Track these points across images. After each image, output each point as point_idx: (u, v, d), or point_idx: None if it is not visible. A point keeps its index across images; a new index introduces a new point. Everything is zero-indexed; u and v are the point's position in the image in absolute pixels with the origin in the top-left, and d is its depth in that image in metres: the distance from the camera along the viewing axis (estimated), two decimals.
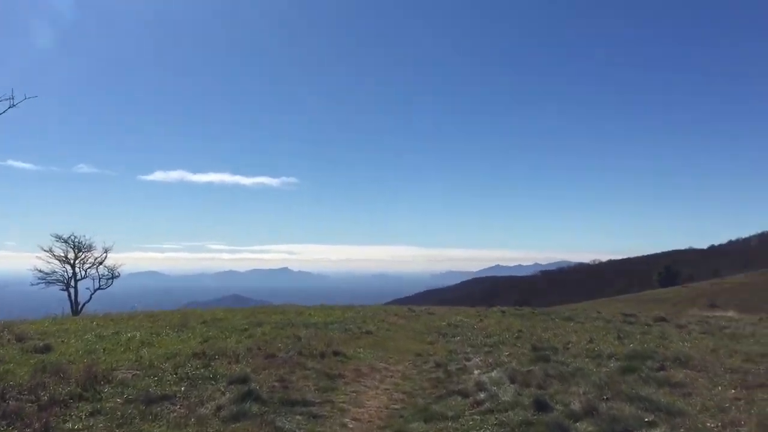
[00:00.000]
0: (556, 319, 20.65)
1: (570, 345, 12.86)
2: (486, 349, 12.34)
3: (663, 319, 21.57)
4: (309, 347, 12.03)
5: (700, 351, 12.18)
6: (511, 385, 8.48)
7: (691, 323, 20.55)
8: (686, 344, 13.48)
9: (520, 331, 15.41)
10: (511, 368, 9.63)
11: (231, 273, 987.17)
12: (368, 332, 15.57)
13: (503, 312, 23.45)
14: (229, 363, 9.94)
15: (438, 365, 10.51)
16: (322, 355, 11.29)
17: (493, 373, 9.42)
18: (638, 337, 14.80)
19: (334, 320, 18.52)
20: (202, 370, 9.23)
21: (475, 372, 9.69)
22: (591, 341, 13.64)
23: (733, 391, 8.29)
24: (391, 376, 9.94)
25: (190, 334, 14.04)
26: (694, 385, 8.53)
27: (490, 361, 10.55)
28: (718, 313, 30.87)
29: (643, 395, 7.47)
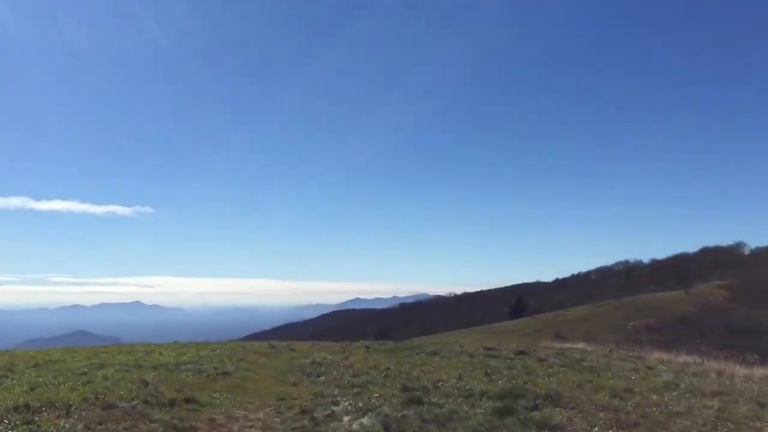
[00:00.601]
0: (422, 354, 20.25)
1: (440, 383, 12.36)
2: (354, 390, 11.54)
3: (523, 352, 21.82)
4: (157, 394, 10.67)
5: (568, 387, 12.10)
6: None
7: (549, 356, 20.90)
8: (552, 379, 13.42)
9: (388, 368, 14.74)
10: (384, 413, 8.91)
11: (76, 308, 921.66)
12: (225, 373, 14.28)
13: (368, 347, 22.75)
14: (58, 417, 8.46)
15: (303, 411, 9.56)
16: (172, 403, 10.00)
17: (365, 420, 8.66)
18: (505, 372, 14.63)
19: (187, 360, 16.99)
20: (21, 428, 7.73)
21: (345, 419, 8.86)
22: (460, 378, 13.25)
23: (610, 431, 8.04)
24: (251, 427, 8.86)
25: (14, 381, 12.17)
26: (572, 426, 8.22)
27: (360, 404, 9.76)
28: (568, 345, 32.01)
29: None
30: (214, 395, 11.33)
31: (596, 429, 8.11)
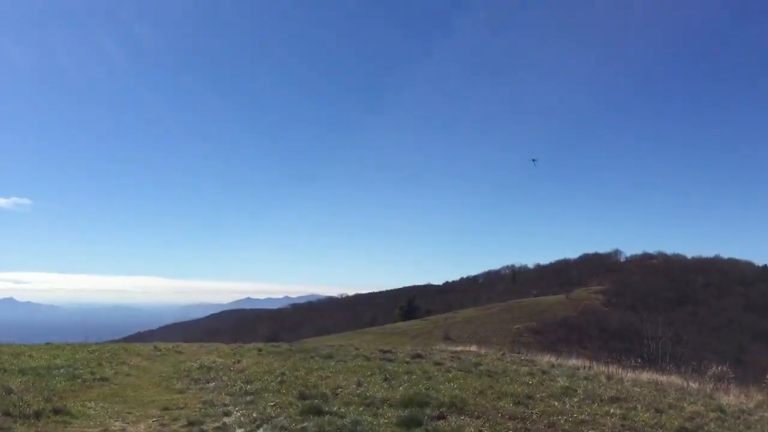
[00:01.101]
0: (317, 358, 19.54)
1: (339, 390, 11.71)
2: (247, 398, 10.66)
3: (420, 356, 21.55)
4: (21, 404, 9.38)
5: (470, 393, 11.77)
6: None
7: (446, 360, 20.73)
8: (453, 385, 13.07)
9: (283, 373, 13.90)
10: (281, 425, 8.16)
11: None
12: (103, 379, 13.00)
13: (260, 350, 21.77)
14: None
15: (191, 423, 8.61)
16: (38, 415, 8.80)
17: None
18: (404, 377, 14.16)
19: (60, 364, 15.46)
20: None
21: (238, 431, 8.04)
22: (360, 384, 12.65)
23: None
24: None
25: None
26: None
27: (255, 415, 8.93)
28: (461, 348, 32.17)
29: None
30: (89, 404, 10.16)
31: None
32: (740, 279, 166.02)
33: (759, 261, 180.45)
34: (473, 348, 32.78)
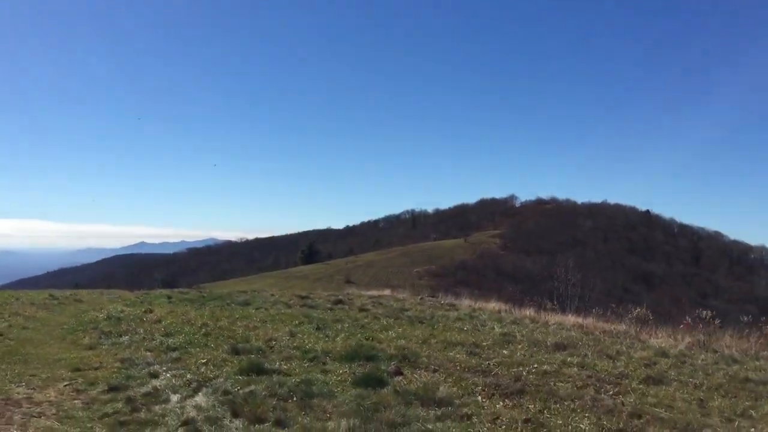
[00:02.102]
0: (233, 305, 18.33)
1: (273, 342, 10.63)
2: (172, 354, 9.38)
3: (341, 302, 20.74)
4: None
5: (413, 343, 11.02)
6: (238, 422, 5.92)
7: (368, 305, 20.03)
8: (391, 334, 12.29)
9: (205, 324, 12.61)
10: (223, 389, 7.02)
11: None
12: None
13: (169, 298, 20.22)
14: None
15: (113, 388, 7.25)
16: None
17: (200, 398, 6.72)
18: (337, 326, 13.23)
19: None
20: None
21: (173, 398, 6.79)
22: (292, 335, 11.61)
23: (507, 403, 6.94)
24: (42, 414, 6.45)
25: None
26: (460, 400, 6.98)
27: (189, 376, 7.69)
28: (377, 293, 31.64)
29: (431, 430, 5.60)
30: None
31: (485, 401, 6.97)
32: (624, 223, 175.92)
33: (642, 206, 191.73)
34: (387, 292, 32.37)
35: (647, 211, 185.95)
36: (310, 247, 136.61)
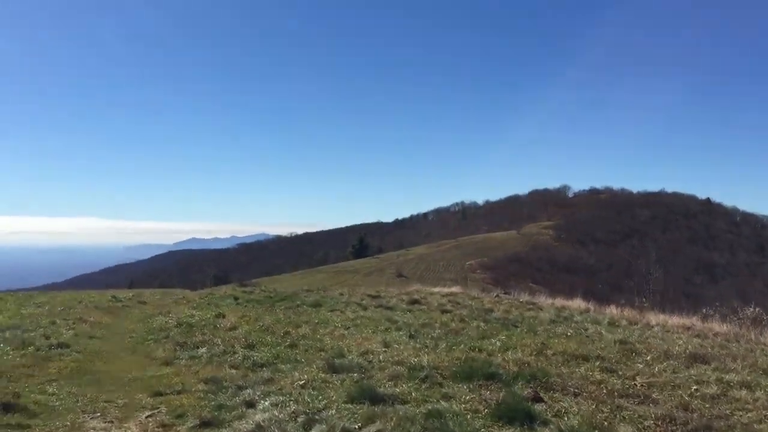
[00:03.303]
0: (304, 306, 17.14)
1: (369, 356, 9.30)
2: (263, 373, 8.08)
3: (417, 302, 19.37)
4: None
5: (528, 355, 9.54)
6: None
7: (447, 305, 18.62)
8: (494, 342, 10.82)
9: (287, 333, 11.37)
10: (342, 427, 5.67)
11: None
12: (62, 345, 10.24)
13: (236, 299, 19.16)
14: None
15: (205, 423, 5.97)
16: None
17: None
18: (431, 334, 11.84)
19: (5, 323, 12.59)
20: None
21: None
22: (386, 345, 10.27)
23: None
24: None
25: None
26: None
27: (293, 407, 6.36)
28: (446, 290, 30.15)
29: None
30: (50, 390, 7.47)
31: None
32: (684, 212, 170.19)
33: (701, 195, 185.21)
34: (456, 289, 30.88)
35: (707, 200, 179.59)
36: (360, 241, 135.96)
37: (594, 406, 6.57)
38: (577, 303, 21.26)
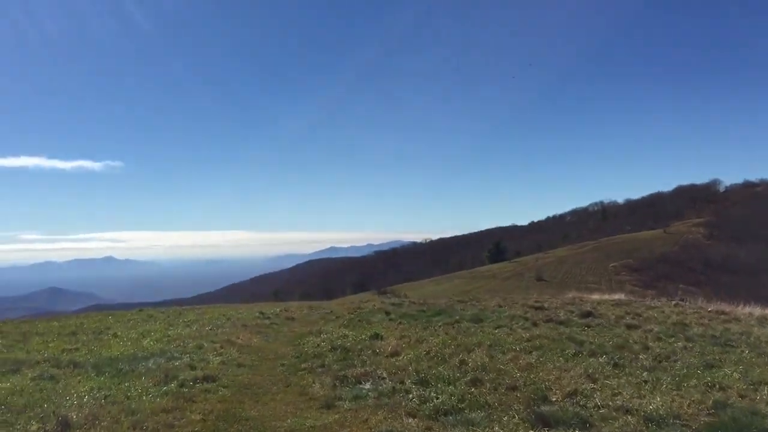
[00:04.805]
0: (464, 322, 15.25)
1: (577, 397, 7.24)
2: (445, 420, 6.34)
3: (590, 314, 16.91)
4: None
5: None
6: None
7: (625, 317, 16.09)
8: (723, 375, 8.38)
9: (463, 362, 9.47)
10: None
11: (48, 264, 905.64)
12: (208, 379, 8.97)
13: (388, 314, 17.60)
14: None
15: None
16: None
17: None
18: (635, 362, 9.52)
19: (151, 349, 11.65)
20: None
21: None
22: (591, 379, 8.13)
23: None
24: None
25: None
26: None
27: None
28: (606, 296, 27.18)
29: None
30: None
31: None
32: None
33: None
34: (618, 296, 27.90)
35: None
36: (497, 245, 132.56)
37: None
38: None
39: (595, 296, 27.77)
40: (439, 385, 7.94)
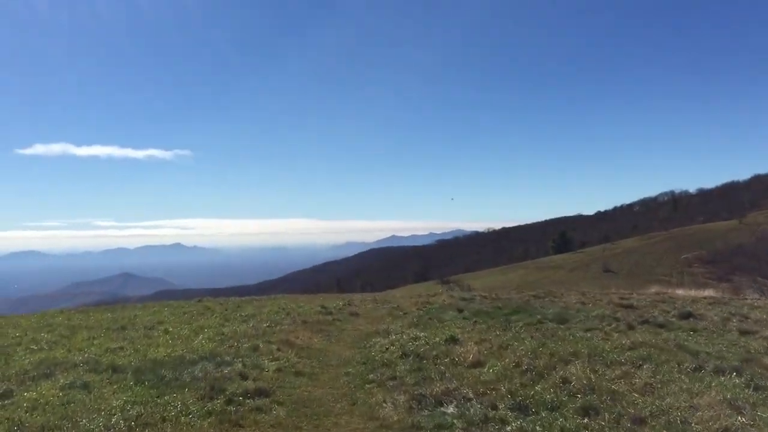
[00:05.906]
0: (546, 322, 13.60)
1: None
2: None
3: (690, 315, 14.95)
4: None
5: None
6: None
7: (733, 319, 14.14)
8: None
9: (565, 380, 7.88)
10: None
11: (120, 250, 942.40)
12: (262, 392, 7.65)
13: (461, 311, 16.05)
14: None
15: None
16: None
17: None
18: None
19: (201, 350, 10.42)
20: None
21: None
22: (737, 410, 6.44)
23: None
24: None
25: None
26: None
27: None
28: (689, 292, 24.83)
29: None
30: None
31: None
32: None
33: None
34: (708, 293, 25.53)
35: None
36: (562, 236, 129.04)
37: None
38: None
39: (680, 291, 25.55)
40: (542, 414, 6.36)
